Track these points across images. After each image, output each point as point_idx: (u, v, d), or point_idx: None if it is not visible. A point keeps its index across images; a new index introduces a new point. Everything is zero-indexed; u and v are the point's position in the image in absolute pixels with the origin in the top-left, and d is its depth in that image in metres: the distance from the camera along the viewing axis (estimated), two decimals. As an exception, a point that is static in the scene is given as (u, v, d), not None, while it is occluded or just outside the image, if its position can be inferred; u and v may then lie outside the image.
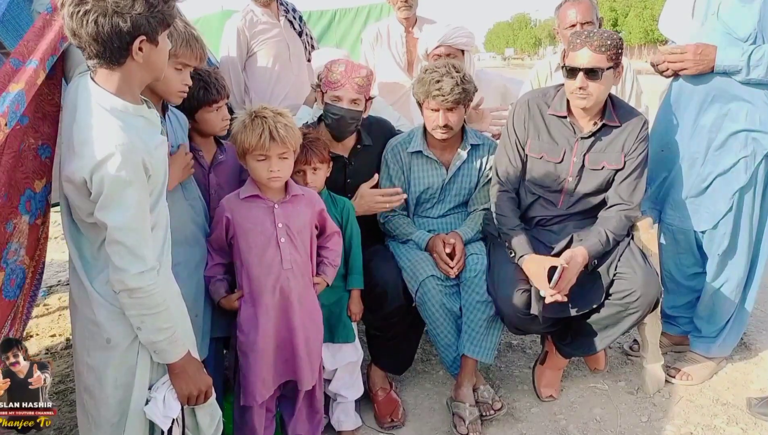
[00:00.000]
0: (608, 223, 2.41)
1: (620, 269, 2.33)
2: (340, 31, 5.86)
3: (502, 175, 2.56)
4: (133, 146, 1.44)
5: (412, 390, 2.75)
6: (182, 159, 2.02)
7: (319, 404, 2.28)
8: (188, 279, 2.01)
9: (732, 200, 2.56)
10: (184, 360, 1.62)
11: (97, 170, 1.40)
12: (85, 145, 1.42)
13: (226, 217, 2.06)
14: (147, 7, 1.41)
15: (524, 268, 2.36)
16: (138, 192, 1.46)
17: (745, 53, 2.38)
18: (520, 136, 2.54)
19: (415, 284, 2.47)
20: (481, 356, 2.48)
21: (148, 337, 1.54)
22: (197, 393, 1.65)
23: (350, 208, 2.41)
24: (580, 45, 2.31)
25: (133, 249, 1.46)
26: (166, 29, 1.52)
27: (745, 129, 2.49)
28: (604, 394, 2.67)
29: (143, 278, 1.48)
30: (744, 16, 2.42)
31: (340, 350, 2.38)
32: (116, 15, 1.38)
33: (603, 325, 2.42)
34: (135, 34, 1.42)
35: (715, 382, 2.74)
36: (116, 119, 1.45)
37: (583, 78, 2.30)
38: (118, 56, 1.44)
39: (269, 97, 3.30)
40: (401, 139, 2.70)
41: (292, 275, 2.05)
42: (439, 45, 2.95)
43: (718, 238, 2.62)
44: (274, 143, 1.96)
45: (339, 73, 2.47)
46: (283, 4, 3.49)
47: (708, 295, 2.71)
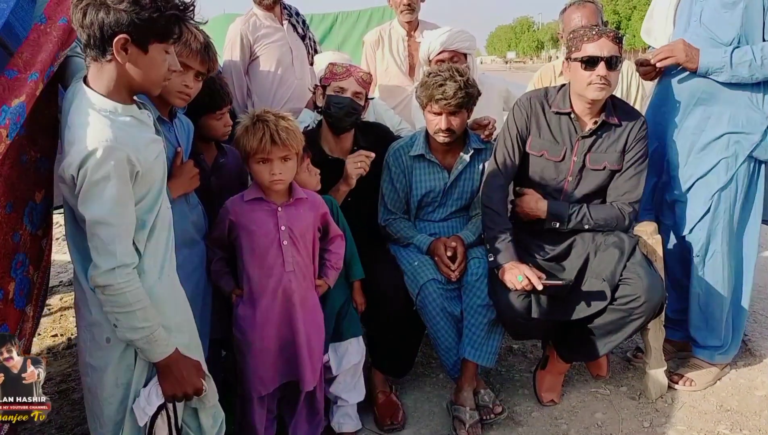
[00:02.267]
0: (595, 206, 2.46)
1: (625, 274, 2.32)
2: (341, 35, 5.87)
3: (501, 166, 2.55)
4: (117, 142, 1.46)
5: (413, 393, 2.74)
6: (189, 170, 2.04)
7: (320, 405, 2.30)
8: (185, 281, 1.99)
9: (710, 202, 2.57)
10: (170, 360, 1.61)
11: (81, 166, 1.43)
12: (73, 144, 1.45)
13: (229, 219, 2.08)
14: (133, 5, 1.43)
15: (501, 276, 2.35)
16: (117, 188, 1.46)
17: (728, 52, 2.41)
18: (521, 131, 2.54)
19: (415, 288, 2.47)
20: (482, 360, 2.47)
21: (124, 335, 1.54)
22: (181, 394, 1.64)
23: (335, 203, 2.42)
24: (596, 36, 2.33)
25: (107, 244, 1.47)
26: (162, 42, 1.52)
27: (728, 132, 2.52)
28: (605, 399, 2.66)
29: (112, 275, 1.48)
30: (726, 21, 2.45)
31: (346, 352, 2.38)
32: (103, 6, 1.42)
33: (606, 330, 2.41)
34: (116, 30, 1.43)
35: (719, 388, 2.72)
36: (104, 118, 1.48)
37: (605, 67, 2.31)
38: (101, 50, 1.46)
39: (272, 100, 3.30)
40: (403, 143, 2.70)
41: (294, 277, 2.07)
42: (443, 50, 2.96)
43: (696, 241, 2.63)
44: (275, 146, 1.98)
45: (344, 68, 2.59)
46: (287, 8, 3.49)
47: (695, 302, 2.70)
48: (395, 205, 2.71)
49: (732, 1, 2.42)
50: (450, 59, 2.93)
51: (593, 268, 2.40)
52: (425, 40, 3.06)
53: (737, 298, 2.73)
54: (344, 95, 2.55)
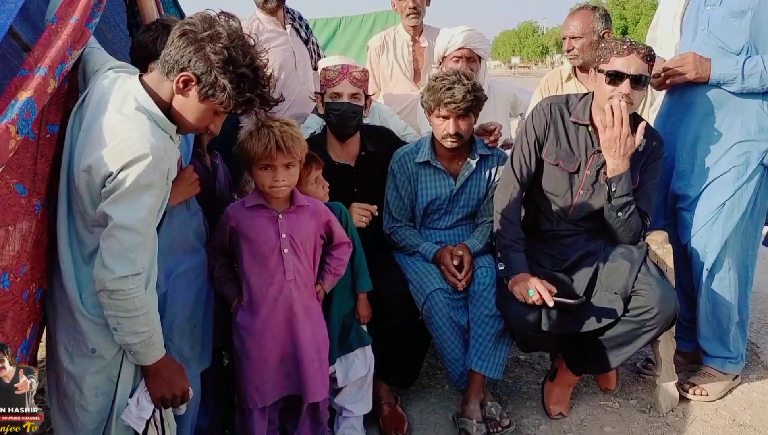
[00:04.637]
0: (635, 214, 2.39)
1: (637, 285, 2.28)
2: (345, 40, 5.85)
3: (517, 172, 2.50)
4: (165, 153, 1.49)
5: (418, 404, 2.70)
6: (188, 176, 2.03)
7: (323, 416, 2.27)
8: (187, 289, 2.02)
9: (720, 210, 2.53)
10: (160, 363, 1.62)
11: (126, 167, 1.42)
12: (117, 139, 1.44)
13: (230, 225, 2.06)
14: (224, 65, 1.47)
15: (511, 287, 2.30)
16: (155, 198, 1.49)
17: (739, 63, 2.39)
18: (539, 137, 2.49)
19: (421, 297, 2.42)
20: (490, 372, 2.43)
21: (123, 339, 1.54)
22: (170, 396, 1.65)
23: (346, 212, 2.39)
24: (627, 51, 2.26)
25: (128, 250, 1.47)
26: (220, 104, 1.53)
27: (739, 140, 2.49)
28: (615, 412, 2.61)
29: (126, 282, 1.48)
30: (735, 30, 2.42)
31: (353, 364, 2.35)
32: (197, 43, 1.47)
33: (617, 342, 2.35)
34: (191, 68, 1.48)
35: (731, 402, 2.67)
36: (151, 123, 1.50)
37: (629, 84, 2.25)
38: (168, 70, 1.51)
39: (275, 104, 3.26)
40: (408, 149, 2.67)
41: (295, 286, 2.05)
42: (462, 47, 2.92)
43: (702, 250, 2.59)
44: (280, 153, 1.97)
45: (335, 71, 2.54)
46: (290, 12, 3.47)
47: (702, 312, 2.65)
48: (400, 212, 2.66)
49: (740, 9, 2.39)
50: (467, 58, 2.91)
51: (602, 280, 2.35)
52: (444, 34, 3.02)
53: (743, 306, 2.70)
54: (341, 100, 2.51)
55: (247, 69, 1.51)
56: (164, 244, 1.94)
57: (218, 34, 1.48)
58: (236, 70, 1.49)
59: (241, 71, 1.50)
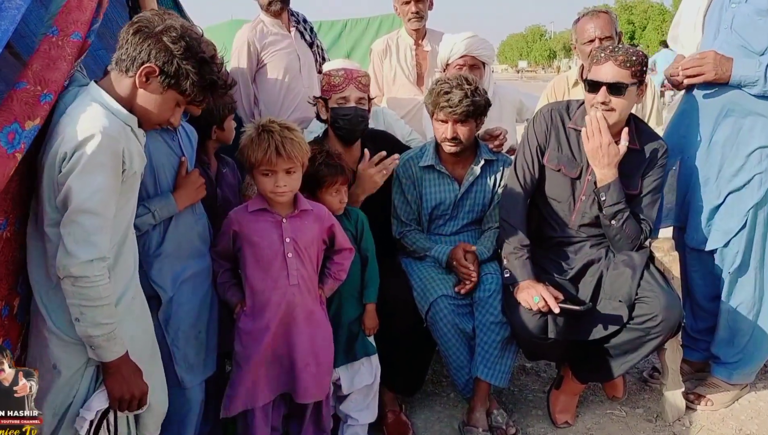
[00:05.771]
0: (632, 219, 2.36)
1: (641, 293, 2.26)
2: (350, 43, 5.84)
3: (521, 178, 2.49)
4: (117, 133, 1.52)
5: (423, 412, 2.67)
6: (195, 180, 2.03)
7: (326, 423, 2.25)
8: (193, 294, 2.01)
9: (745, 217, 2.48)
10: (121, 360, 1.60)
11: (79, 148, 1.45)
12: (70, 125, 1.48)
13: (233, 229, 2.06)
14: (184, 52, 1.53)
15: (516, 294, 2.28)
16: (110, 178, 1.50)
17: (762, 64, 2.33)
18: (540, 144, 2.48)
19: (425, 304, 2.40)
20: (495, 380, 2.40)
21: (86, 330, 1.52)
22: (129, 396, 1.62)
23: (364, 219, 2.37)
24: (604, 59, 2.26)
25: (90, 234, 1.48)
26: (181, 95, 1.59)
27: (761, 145, 2.43)
28: (621, 421, 2.57)
29: (91, 267, 1.48)
30: (760, 28, 2.36)
31: (358, 372, 2.33)
32: (155, 36, 1.52)
33: (622, 350, 2.33)
34: (151, 60, 1.52)
35: (738, 411, 2.63)
36: (107, 111, 1.53)
37: (606, 93, 2.24)
38: (128, 66, 1.54)
39: (279, 108, 3.26)
40: (413, 154, 2.66)
41: (299, 291, 2.04)
42: (465, 54, 2.89)
43: (729, 256, 2.54)
44: (280, 158, 1.95)
45: (340, 76, 2.51)
46: (294, 15, 3.46)
47: (725, 317, 2.61)
48: (408, 216, 2.65)
49: (767, 8, 2.33)
50: (470, 66, 2.88)
51: (606, 289, 2.33)
52: (447, 41, 2.99)
53: (758, 315, 2.63)
54: (349, 105, 2.49)
55: (205, 54, 1.59)
56: (171, 248, 1.96)
57: (172, 26, 1.55)
58: (195, 57, 1.56)
59: (201, 56, 1.57)
